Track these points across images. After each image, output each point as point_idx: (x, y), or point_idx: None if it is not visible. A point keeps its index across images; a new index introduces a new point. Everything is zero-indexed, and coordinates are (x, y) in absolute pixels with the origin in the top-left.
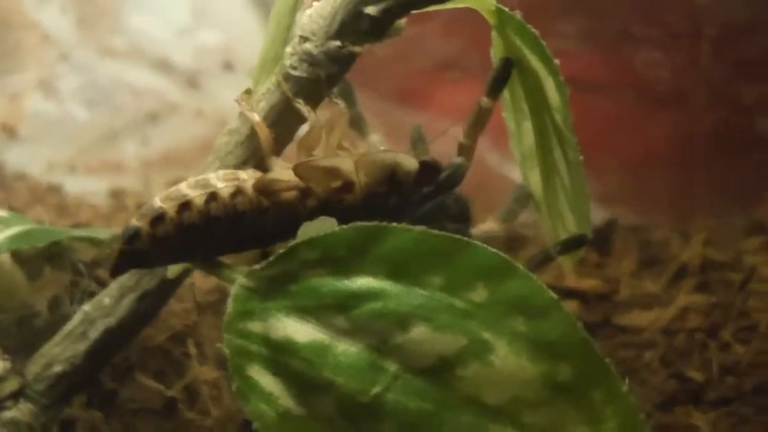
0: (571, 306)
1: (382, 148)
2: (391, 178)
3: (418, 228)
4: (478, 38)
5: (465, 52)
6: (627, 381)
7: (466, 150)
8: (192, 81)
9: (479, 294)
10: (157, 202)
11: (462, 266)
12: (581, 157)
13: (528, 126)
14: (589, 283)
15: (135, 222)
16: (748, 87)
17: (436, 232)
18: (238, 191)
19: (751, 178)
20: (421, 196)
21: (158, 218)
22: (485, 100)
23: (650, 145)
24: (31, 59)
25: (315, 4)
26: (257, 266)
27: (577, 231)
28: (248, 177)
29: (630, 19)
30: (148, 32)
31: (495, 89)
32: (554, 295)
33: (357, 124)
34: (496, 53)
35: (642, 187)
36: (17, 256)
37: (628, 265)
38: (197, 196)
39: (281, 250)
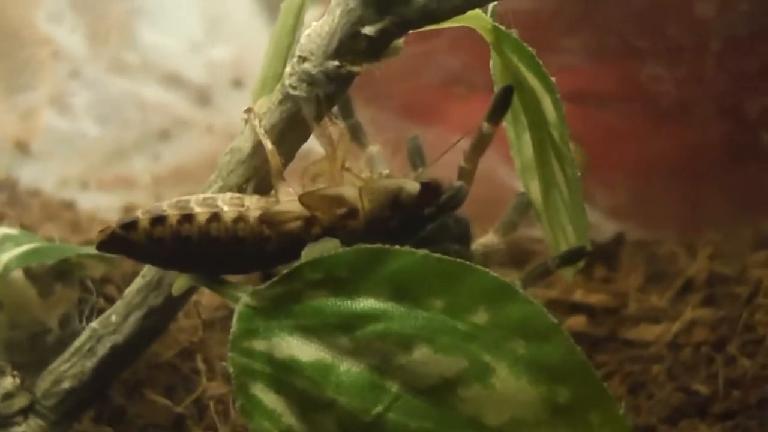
0: (578, 320)
1: (380, 159)
2: (393, 202)
3: (421, 251)
4: (484, 54)
5: (471, 67)
6: (623, 404)
7: (466, 174)
8: (203, 97)
9: (481, 317)
10: (164, 205)
11: (464, 290)
12: (579, 173)
13: (527, 138)
14: (596, 298)
15: (138, 214)
16: (752, 99)
17: (438, 255)
18: (240, 218)
19: (757, 191)
20: (423, 217)
21: (159, 219)
22: (486, 126)
23: (656, 158)
24: (43, 75)
25: (314, 24)
26: (261, 286)
27: (576, 243)
28: (252, 205)
29: (634, 34)
30: (160, 48)
31: (496, 115)
32: (554, 320)
33: (356, 135)
34: (494, 70)
35: (648, 201)
36: (28, 273)
37: (636, 280)
38: (201, 213)
39: (285, 271)
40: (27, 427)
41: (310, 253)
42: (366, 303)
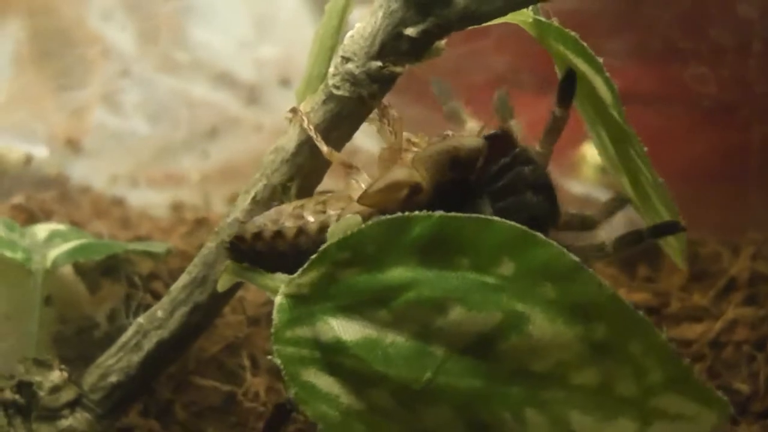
0: None
1: (479, 128)
2: (453, 163)
3: (438, 213)
4: (530, 55)
5: (518, 67)
6: (665, 329)
7: (542, 158)
8: (251, 95)
9: (507, 267)
10: (258, 221)
11: (485, 243)
12: (645, 148)
13: (605, 134)
14: (639, 296)
15: (240, 231)
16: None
17: (453, 214)
18: (323, 227)
19: None
20: (498, 169)
21: (257, 235)
22: (558, 110)
23: (700, 158)
24: (94, 74)
25: (357, 25)
26: (295, 275)
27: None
28: (332, 210)
29: (677, 35)
30: (209, 46)
31: (564, 98)
32: (576, 258)
33: (454, 116)
34: (558, 67)
35: (692, 201)
36: (78, 269)
37: (678, 279)
38: (290, 227)
39: (313, 256)
40: (74, 420)
41: (334, 233)
42: (396, 273)
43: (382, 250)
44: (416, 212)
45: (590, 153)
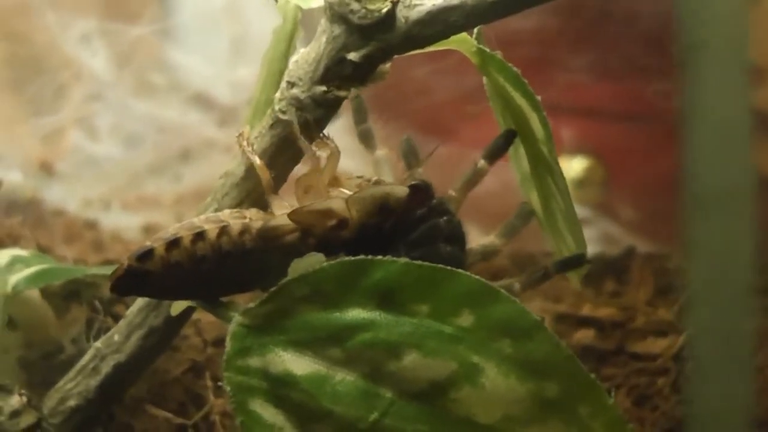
0: (586, 334)
1: (388, 163)
2: (381, 208)
3: (402, 259)
4: None
5: (482, 86)
6: (613, 394)
7: (453, 202)
8: (225, 117)
9: (466, 319)
10: (172, 229)
11: (447, 293)
12: (568, 185)
13: (522, 151)
14: (605, 311)
15: (150, 243)
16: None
17: (419, 262)
18: (245, 229)
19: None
20: (415, 219)
21: (173, 243)
22: (482, 163)
23: (663, 174)
24: (68, 98)
25: (301, 50)
26: (252, 304)
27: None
28: (253, 216)
29: (640, 51)
30: (185, 68)
31: (493, 155)
32: (536, 317)
33: (365, 139)
34: (489, 92)
35: (656, 216)
36: (45, 293)
37: (645, 293)
38: (210, 228)
39: (272, 288)
40: None
41: (296, 269)
42: (353, 314)
43: (342, 290)
44: (379, 257)
45: (566, 167)
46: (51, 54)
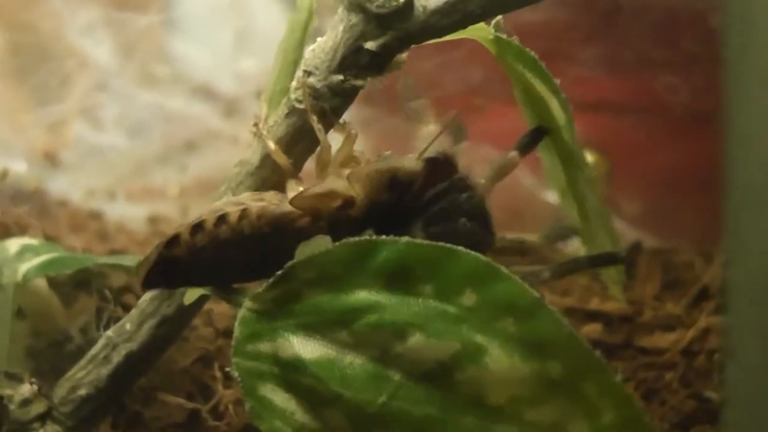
0: (594, 328)
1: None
2: (391, 183)
3: (404, 239)
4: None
5: (490, 79)
6: (620, 373)
7: (483, 188)
8: (230, 108)
9: (469, 298)
10: (195, 215)
11: (450, 273)
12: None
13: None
14: (612, 306)
15: (174, 230)
16: None
17: (420, 241)
18: (261, 214)
19: None
20: (434, 194)
21: (197, 226)
22: (514, 154)
23: (672, 167)
24: (72, 88)
25: (318, 39)
26: (260, 289)
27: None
28: (270, 199)
29: (649, 45)
30: (188, 59)
31: (525, 148)
32: (537, 295)
33: (417, 116)
34: (513, 83)
35: (665, 210)
36: (52, 283)
37: (652, 288)
38: (232, 211)
39: (279, 272)
40: None
41: (302, 252)
42: (359, 296)
43: (348, 272)
44: (383, 237)
45: None
46: (56, 43)
